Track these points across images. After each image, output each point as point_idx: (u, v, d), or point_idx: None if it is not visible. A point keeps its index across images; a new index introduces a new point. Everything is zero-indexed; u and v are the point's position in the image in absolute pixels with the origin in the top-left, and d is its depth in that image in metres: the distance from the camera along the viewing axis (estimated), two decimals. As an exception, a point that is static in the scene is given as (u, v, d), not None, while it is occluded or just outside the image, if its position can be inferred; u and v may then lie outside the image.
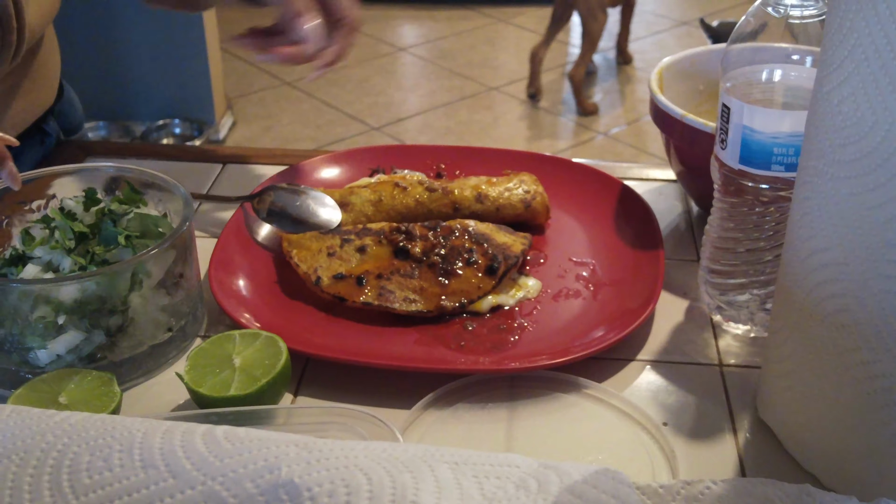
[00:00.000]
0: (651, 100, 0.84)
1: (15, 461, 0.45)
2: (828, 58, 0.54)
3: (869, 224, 0.53)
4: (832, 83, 0.54)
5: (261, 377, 0.63)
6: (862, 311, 0.55)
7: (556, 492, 0.40)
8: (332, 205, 0.83)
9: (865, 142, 0.52)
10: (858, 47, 0.51)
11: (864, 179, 0.53)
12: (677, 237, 0.86)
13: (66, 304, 0.65)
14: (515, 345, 0.71)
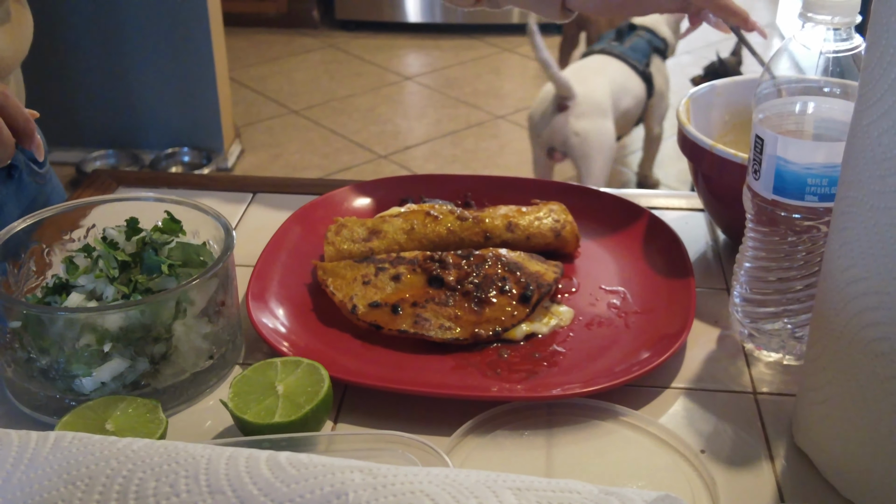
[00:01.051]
0: (679, 130, 0.85)
1: (80, 487, 0.45)
2: (868, 90, 0.55)
3: (911, 254, 0.54)
4: (872, 115, 0.55)
5: (304, 404, 0.64)
6: (903, 339, 0.56)
7: (622, 516, 0.41)
8: None
9: (908, 173, 0.53)
10: (900, 80, 0.52)
11: (904, 210, 0.54)
12: (705, 266, 0.87)
13: (112, 332, 0.66)
14: (551, 372, 0.72)
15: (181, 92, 3.17)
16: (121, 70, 3.12)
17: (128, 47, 3.08)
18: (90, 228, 0.77)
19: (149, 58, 3.10)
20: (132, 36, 3.05)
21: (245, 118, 3.69)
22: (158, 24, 3.02)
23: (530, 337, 0.76)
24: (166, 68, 3.12)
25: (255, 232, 0.90)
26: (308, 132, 3.61)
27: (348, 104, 3.83)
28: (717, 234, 0.92)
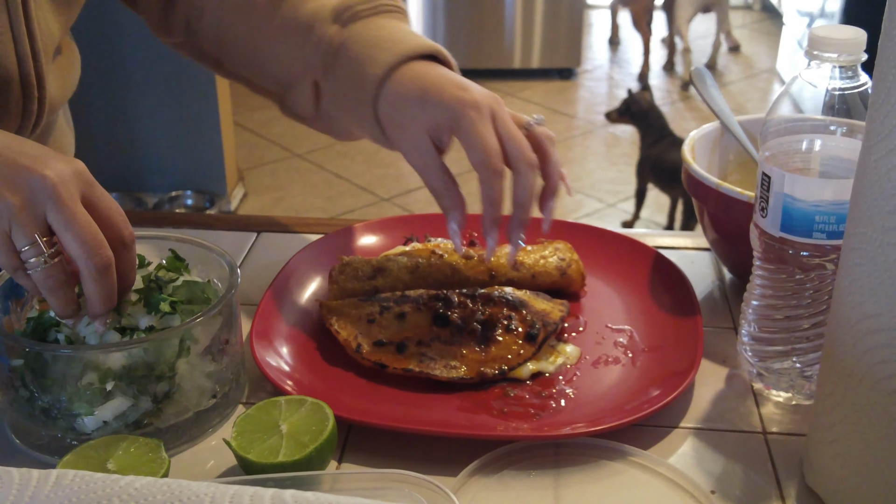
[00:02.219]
0: (685, 169, 0.85)
1: (82, 526, 0.45)
2: (875, 127, 0.55)
3: (921, 290, 0.54)
4: (880, 152, 0.55)
5: (309, 443, 0.63)
6: (915, 377, 0.55)
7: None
8: None
9: (916, 209, 0.53)
10: (907, 116, 0.52)
11: (915, 246, 0.53)
12: (712, 305, 0.86)
13: (115, 371, 0.65)
14: (558, 412, 0.71)
15: (185, 136, 3.19)
16: (125, 114, 3.14)
17: (132, 91, 3.11)
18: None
19: (153, 101, 3.12)
20: (136, 80, 3.08)
21: (248, 161, 3.71)
22: (163, 69, 3.05)
23: (536, 376, 0.75)
24: (170, 112, 3.14)
25: (259, 271, 0.89)
26: (311, 175, 3.62)
27: (351, 147, 3.85)
28: (724, 272, 0.91)
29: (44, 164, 0.63)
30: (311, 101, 0.86)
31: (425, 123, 0.77)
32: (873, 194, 0.56)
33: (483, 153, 0.74)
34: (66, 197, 0.62)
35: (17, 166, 0.62)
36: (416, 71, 0.78)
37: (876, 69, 0.55)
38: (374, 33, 0.81)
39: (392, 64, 0.78)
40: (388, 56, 0.79)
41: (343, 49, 0.81)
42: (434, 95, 0.76)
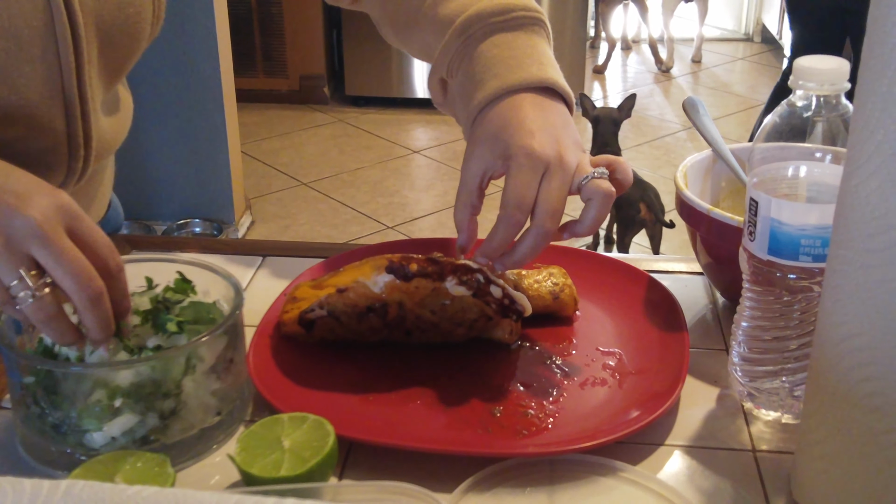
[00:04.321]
0: (677, 195, 0.88)
1: (91, 531, 0.47)
2: (855, 153, 0.57)
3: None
4: (860, 177, 0.57)
5: (310, 458, 0.65)
6: (895, 393, 0.57)
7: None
8: None
9: (894, 231, 0.55)
10: (885, 143, 0.55)
11: (893, 267, 0.56)
12: (704, 327, 0.89)
13: (123, 388, 0.67)
14: (547, 430, 0.73)
15: (194, 165, 3.23)
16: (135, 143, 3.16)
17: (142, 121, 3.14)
18: (104, 288, 0.78)
19: (162, 131, 3.16)
20: (146, 110, 3.12)
21: (256, 190, 3.75)
22: (173, 100, 3.09)
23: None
24: (179, 142, 3.19)
25: (264, 293, 0.92)
26: (317, 204, 3.66)
27: (357, 176, 3.89)
28: (716, 296, 0.93)
29: (27, 203, 0.64)
30: (440, 92, 0.89)
31: (486, 154, 0.78)
32: (854, 218, 0.58)
33: (509, 200, 0.76)
34: (51, 234, 0.64)
35: (0, 205, 0.64)
36: (512, 105, 0.79)
37: (856, 97, 0.58)
38: (497, 52, 0.82)
39: (496, 94, 0.80)
40: (496, 85, 0.80)
41: (466, 62, 0.83)
42: (506, 134, 0.77)
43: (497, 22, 0.82)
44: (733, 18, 6.30)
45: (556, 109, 0.80)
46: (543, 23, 0.85)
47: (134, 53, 0.92)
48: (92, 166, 0.92)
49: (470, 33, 0.83)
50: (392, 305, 0.81)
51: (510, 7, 0.83)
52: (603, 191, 0.76)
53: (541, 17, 0.84)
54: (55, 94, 0.84)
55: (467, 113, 0.82)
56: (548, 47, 0.84)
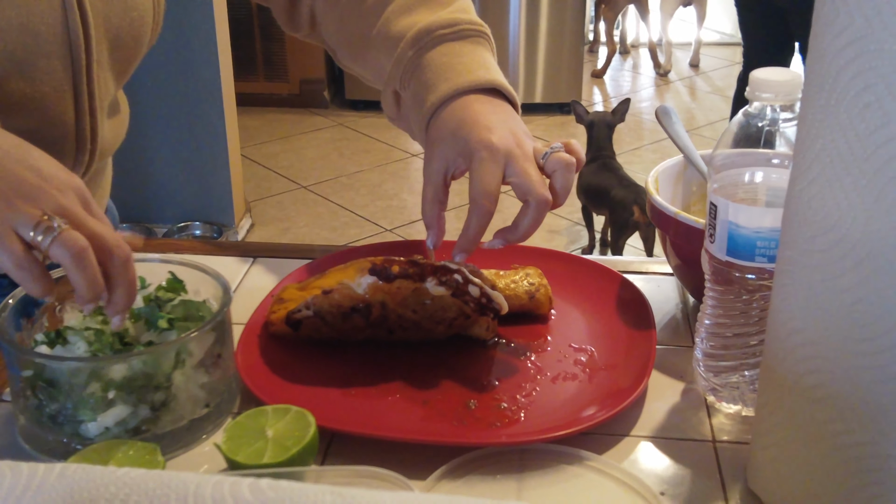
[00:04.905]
0: (648, 199, 0.92)
1: (82, 509, 0.51)
2: (799, 160, 0.61)
3: (838, 306, 0.60)
4: (803, 182, 0.61)
5: (292, 447, 0.69)
6: (836, 385, 0.61)
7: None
8: None
9: (833, 233, 0.59)
10: (824, 151, 0.59)
11: (833, 267, 0.60)
12: (674, 326, 0.93)
13: (116, 381, 0.71)
14: (518, 422, 0.77)
15: (194, 168, 3.27)
16: (135, 146, 3.23)
17: (143, 124, 3.19)
18: (99, 287, 0.83)
19: (163, 135, 3.21)
20: (148, 114, 3.17)
21: (256, 193, 3.79)
22: (173, 103, 3.14)
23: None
24: (180, 145, 3.23)
25: (254, 292, 0.96)
26: (317, 207, 3.70)
27: (356, 180, 3.93)
28: (687, 296, 0.97)
29: (47, 181, 0.68)
30: (393, 106, 0.95)
31: (446, 152, 0.84)
32: (798, 221, 0.62)
33: (477, 191, 0.81)
34: (69, 206, 0.68)
35: (21, 180, 0.67)
36: (464, 105, 0.85)
37: (799, 108, 0.62)
38: (445, 60, 0.88)
39: (448, 96, 0.86)
40: (447, 87, 0.86)
41: (417, 71, 0.89)
42: (463, 131, 0.83)
43: (445, 33, 0.89)
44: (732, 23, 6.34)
45: (504, 107, 0.87)
46: (487, 35, 0.92)
47: (137, 56, 0.97)
48: (96, 163, 0.96)
49: (420, 45, 0.89)
50: (375, 306, 0.85)
51: (456, 21, 0.90)
52: (564, 161, 0.84)
53: (484, 30, 0.92)
54: (67, 88, 0.89)
55: (421, 116, 0.88)
56: (491, 56, 0.91)
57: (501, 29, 4.78)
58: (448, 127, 0.85)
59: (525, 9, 4.75)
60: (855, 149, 0.56)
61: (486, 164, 0.82)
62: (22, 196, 0.66)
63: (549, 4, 4.75)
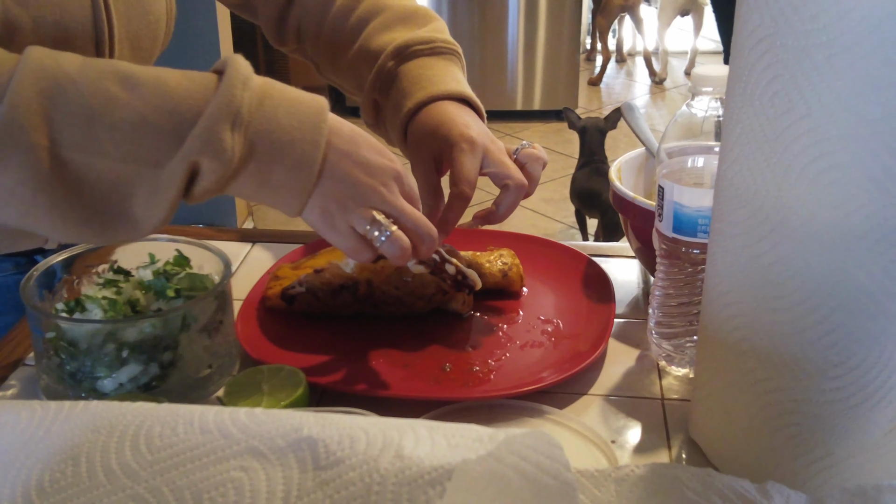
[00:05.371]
0: (612, 187, 1.01)
1: (103, 433, 0.60)
2: (724, 143, 0.71)
3: (756, 268, 0.69)
4: (727, 162, 0.70)
5: (284, 399, 0.79)
6: (756, 338, 0.70)
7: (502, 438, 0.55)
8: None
9: (750, 205, 0.68)
10: (743, 134, 0.68)
11: (751, 234, 0.69)
12: (634, 303, 1.02)
13: (129, 342, 0.81)
14: (488, 381, 0.87)
15: (197, 172, 3.36)
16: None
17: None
18: (113, 263, 0.92)
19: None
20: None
21: (257, 198, 3.88)
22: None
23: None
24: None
25: (253, 272, 1.05)
26: (317, 211, 3.79)
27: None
28: (647, 277, 1.06)
29: (374, 177, 0.78)
30: (372, 115, 1.04)
31: (431, 149, 0.93)
32: (724, 197, 0.71)
33: (459, 179, 0.90)
34: (393, 201, 0.79)
35: (356, 182, 0.78)
36: (439, 109, 0.95)
37: (725, 97, 0.71)
38: (421, 72, 0.98)
39: (423, 101, 0.95)
40: (422, 94, 0.96)
41: (396, 80, 0.99)
42: (443, 129, 0.92)
43: (421, 49, 0.99)
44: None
45: (473, 114, 0.96)
46: (458, 53, 1.03)
47: (152, 59, 1.06)
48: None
49: (399, 58, 0.99)
50: (362, 283, 0.94)
51: (432, 38, 1.00)
52: (535, 154, 0.95)
53: (456, 48, 1.02)
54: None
55: (399, 121, 0.97)
56: (461, 73, 1.01)
57: (500, 37, 4.89)
58: (427, 128, 0.94)
59: (523, 17, 4.86)
60: (767, 131, 0.65)
61: (466, 154, 0.91)
62: (356, 198, 0.77)
63: (547, 13, 4.86)
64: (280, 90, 0.77)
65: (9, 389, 0.88)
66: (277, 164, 0.75)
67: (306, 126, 0.76)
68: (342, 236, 0.79)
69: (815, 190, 0.64)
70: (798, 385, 0.69)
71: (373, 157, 0.80)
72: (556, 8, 4.85)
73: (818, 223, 0.64)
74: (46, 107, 0.69)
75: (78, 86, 0.70)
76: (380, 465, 0.53)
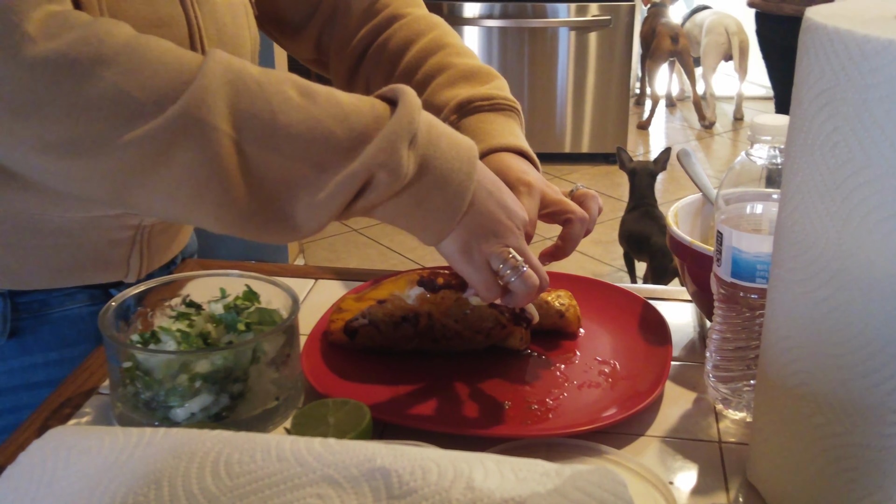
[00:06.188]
0: (668, 231, 1.03)
1: (184, 459, 0.63)
2: (785, 191, 0.72)
3: (816, 314, 0.70)
4: (787, 209, 0.72)
5: (348, 432, 0.81)
6: (815, 383, 0.72)
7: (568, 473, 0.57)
8: None
9: (810, 253, 0.70)
10: (803, 183, 0.70)
11: (811, 281, 0.70)
12: (691, 346, 1.03)
13: (202, 373, 0.84)
14: (547, 419, 0.88)
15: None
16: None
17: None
18: (185, 297, 0.96)
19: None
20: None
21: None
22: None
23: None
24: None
25: (315, 308, 1.08)
26: (367, 249, 3.84)
27: (405, 224, 4.06)
28: (703, 320, 1.08)
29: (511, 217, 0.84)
30: None
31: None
32: (784, 243, 0.73)
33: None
34: (523, 247, 0.85)
35: (497, 221, 0.83)
36: (498, 159, 0.99)
37: (785, 147, 0.73)
38: (481, 126, 1.03)
39: (482, 153, 0.99)
40: (482, 146, 1.00)
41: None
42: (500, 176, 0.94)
43: (483, 104, 1.04)
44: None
45: (529, 164, 1.00)
46: (517, 110, 1.07)
47: None
48: None
49: (462, 112, 1.04)
50: (422, 315, 0.97)
51: (493, 96, 1.05)
52: (590, 194, 0.99)
53: (516, 105, 1.07)
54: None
55: None
56: (519, 128, 1.05)
57: (550, 79, 4.94)
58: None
59: (573, 60, 4.91)
60: (827, 180, 0.67)
61: (524, 197, 0.94)
62: (496, 234, 0.83)
63: (597, 57, 4.90)
64: (441, 123, 0.83)
65: (84, 417, 0.92)
66: (437, 189, 0.80)
67: (463, 160, 0.81)
68: (476, 269, 0.83)
69: (875, 239, 0.65)
70: (857, 430, 0.70)
71: (510, 202, 0.84)
72: (605, 52, 4.89)
73: (878, 271, 0.66)
74: (232, 97, 0.74)
75: (261, 84, 0.75)
76: (451, 495, 0.56)
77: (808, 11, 0.69)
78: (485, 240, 0.82)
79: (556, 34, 4.88)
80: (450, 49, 1.10)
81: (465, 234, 0.82)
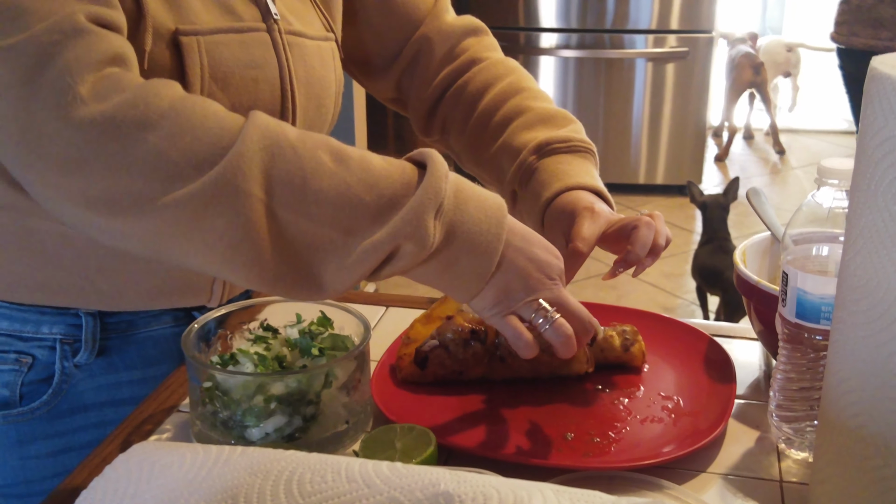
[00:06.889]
0: (736, 270, 1.04)
1: (260, 476, 0.66)
2: (848, 235, 0.74)
3: (876, 358, 0.71)
4: (851, 254, 0.73)
5: (415, 457, 0.84)
6: (875, 426, 0.72)
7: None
8: None
9: (873, 297, 0.71)
10: (867, 228, 0.71)
11: (872, 325, 0.71)
12: (755, 384, 1.04)
13: (277, 395, 0.88)
14: (609, 452, 0.90)
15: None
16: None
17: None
18: (262, 322, 1.00)
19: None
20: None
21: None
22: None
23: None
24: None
25: (385, 335, 1.12)
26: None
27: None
28: (769, 359, 1.08)
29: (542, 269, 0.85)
30: (511, 203, 1.13)
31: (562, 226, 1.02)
32: (847, 287, 0.74)
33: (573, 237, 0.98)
34: (560, 296, 0.87)
35: (528, 276, 0.84)
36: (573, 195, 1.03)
37: (850, 191, 0.74)
38: (558, 167, 1.07)
39: (559, 191, 1.04)
40: (559, 185, 1.04)
41: (535, 174, 1.08)
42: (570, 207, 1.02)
43: (560, 146, 1.08)
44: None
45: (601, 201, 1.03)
46: (593, 151, 1.10)
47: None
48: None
49: (540, 153, 1.08)
50: (490, 331, 1.00)
51: (569, 138, 1.09)
52: (655, 218, 1.01)
53: (591, 147, 1.10)
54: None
55: (537, 209, 1.05)
56: (594, 169, 1.09)
57: (625, 109, 4.94)
58: (559, 211, 1.04)
59: (650, 91, 4.91)
60: (890, 227, 0.68)
61: (585, 219, 0.99)
62: (526, 289, 0.84)
63: (674, 87, 4.89)
64: (468, 186, 0.84)
65: (164, 433, 0.96)
66: (465, 253, 0.82)
67: (491, 220, 0.83)
68: (508, 325, 0.85)
69: (937, 285, 0.66)
70: (917, 474, 0.71)
71: (542, 254, 0.86)
72: (682, 82, 4.88)
73: (940, 317, 0.66)
74: (267, 162, 0.77)
75: (296, 150, 0.78)
76: (511, 522, 0.58)
77: (874, 61, 0.70)
78: (514, 295, 0.84)
79: (633, 65, 4.88)
80: (527, 93, 1.15)
81: (495, 292, 0.84)
